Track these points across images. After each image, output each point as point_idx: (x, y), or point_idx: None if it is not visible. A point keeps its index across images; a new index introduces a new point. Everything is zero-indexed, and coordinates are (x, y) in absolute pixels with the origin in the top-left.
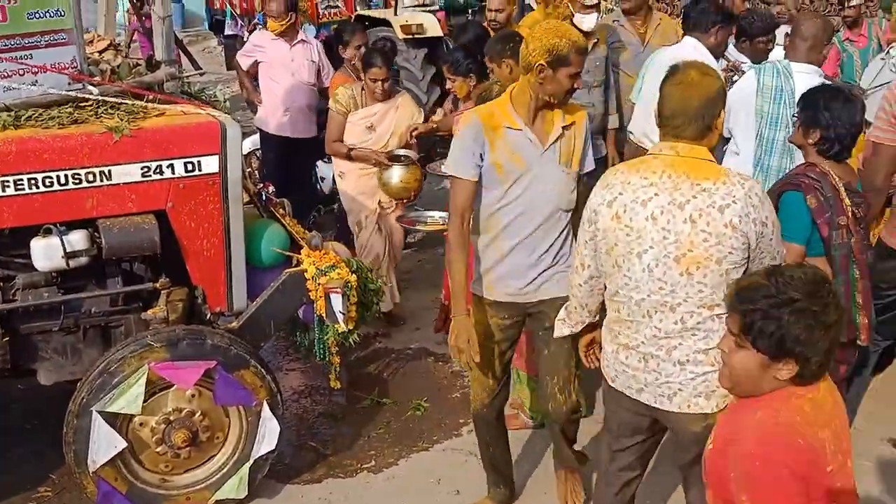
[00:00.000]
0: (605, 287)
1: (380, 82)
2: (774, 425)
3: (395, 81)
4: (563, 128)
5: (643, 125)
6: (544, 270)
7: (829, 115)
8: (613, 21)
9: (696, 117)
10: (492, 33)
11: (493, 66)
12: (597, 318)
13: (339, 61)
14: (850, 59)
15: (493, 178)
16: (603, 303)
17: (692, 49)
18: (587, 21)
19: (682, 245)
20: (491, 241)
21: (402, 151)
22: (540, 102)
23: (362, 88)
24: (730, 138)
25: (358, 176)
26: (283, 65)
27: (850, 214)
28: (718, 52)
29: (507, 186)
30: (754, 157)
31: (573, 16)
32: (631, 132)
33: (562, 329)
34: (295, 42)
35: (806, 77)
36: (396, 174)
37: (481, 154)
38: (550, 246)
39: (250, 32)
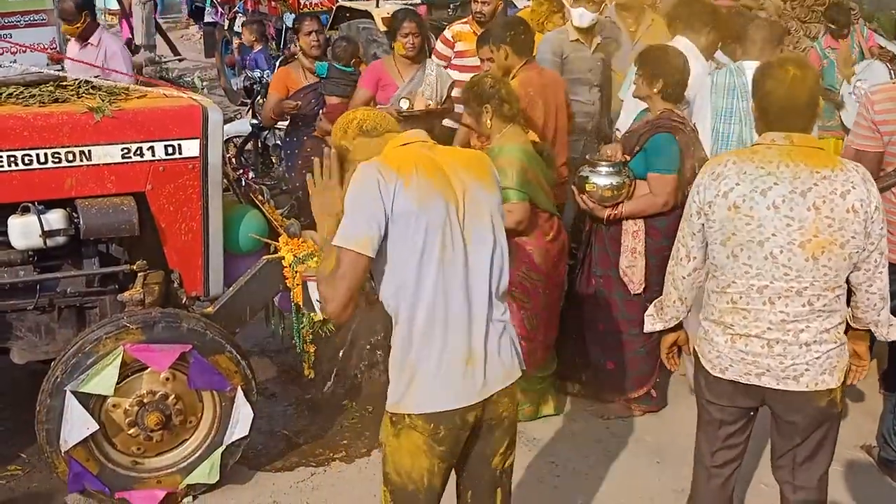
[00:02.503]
0: (708, 280)
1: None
2: None
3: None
4: None
5: (628, 122)
6: None
7: (667, 65)
8: (605, 16)
9: (804, 112)
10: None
11: (492, 49)
12: (687, 315)
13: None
14: (831, 65)
15: None
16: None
17: (684, 49)
18: (586, 18)
19: (807, 231)
20: None
21: None
22: None
23: None
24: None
25: None
26: (69, 69)
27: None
28: (709, 54)
29: None
30: (710, 153)
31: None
32: (618, 129)
33: (654, 325)
34: (85, 45)
35: None
36: None
37: None
38: None
39: (230, 20)
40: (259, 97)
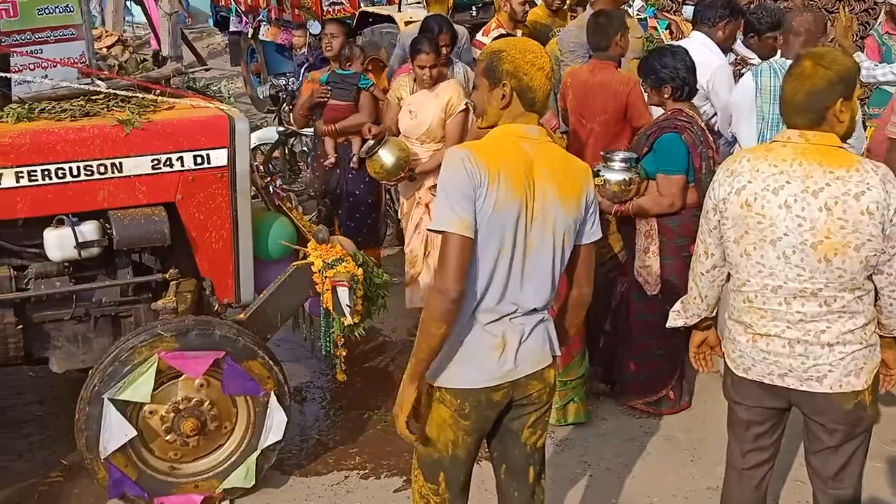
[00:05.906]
0: (728, 279)
1: (427, 69)
2: None
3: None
4: None
5: None
6: None
7: (667, 69)
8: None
9: (801, 109)
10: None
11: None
12: (713, 313)
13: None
14: (889, 51)
15: None
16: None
17: (700, 44)
18: None
19: (819, 232)
20: None
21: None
22: None
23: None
24: (734, 140)
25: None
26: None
27: (715, 147)
28: (726, 47)
29: None
30: None
31: None
32: None
33: (676, 321)
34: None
35: None
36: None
37: None
38: None
39: (255, 29)
40: (284, 104)
